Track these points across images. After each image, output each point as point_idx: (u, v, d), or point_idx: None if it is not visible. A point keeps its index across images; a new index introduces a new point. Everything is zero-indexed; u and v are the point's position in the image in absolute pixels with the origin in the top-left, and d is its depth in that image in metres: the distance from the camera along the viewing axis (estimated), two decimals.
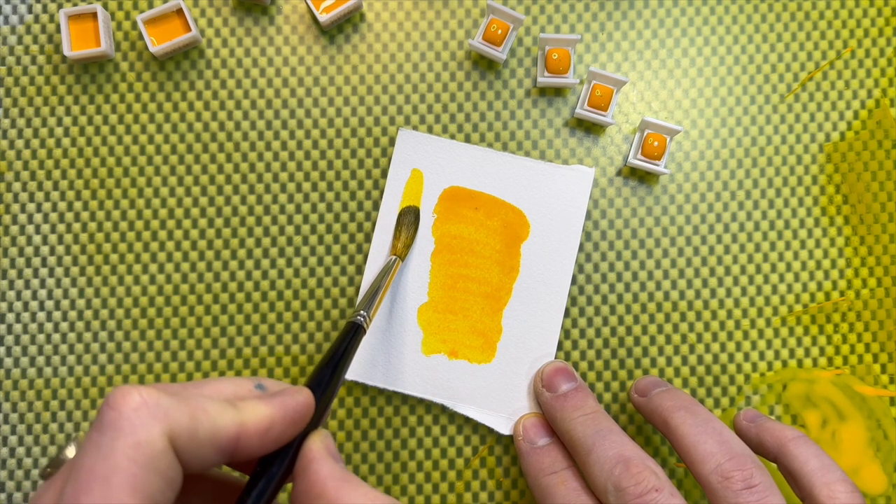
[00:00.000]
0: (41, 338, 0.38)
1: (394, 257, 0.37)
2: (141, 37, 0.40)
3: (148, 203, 0.39)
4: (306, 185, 0.39)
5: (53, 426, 0.38)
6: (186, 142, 0.39)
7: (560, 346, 0.39)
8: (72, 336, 0.38)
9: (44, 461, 0.38)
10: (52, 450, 0.38)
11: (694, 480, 0.38)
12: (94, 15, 0.38)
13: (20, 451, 0.38)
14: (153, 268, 0.39)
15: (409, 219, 0.38)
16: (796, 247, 0.40)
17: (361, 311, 0.32)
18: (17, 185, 0.39)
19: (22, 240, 0.39)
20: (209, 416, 0.22)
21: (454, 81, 0.40)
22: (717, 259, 0.40)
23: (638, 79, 0.40)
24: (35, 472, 0.38)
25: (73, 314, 0.38)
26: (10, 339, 0.38)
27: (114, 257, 0.39)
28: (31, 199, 0.39)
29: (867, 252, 0.40)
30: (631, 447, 0.32)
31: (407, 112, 0.40)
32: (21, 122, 0.39)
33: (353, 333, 0.31)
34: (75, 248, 0.39)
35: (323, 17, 0.39)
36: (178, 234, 0.39)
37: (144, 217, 0.39)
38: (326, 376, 0.27)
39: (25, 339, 0.38)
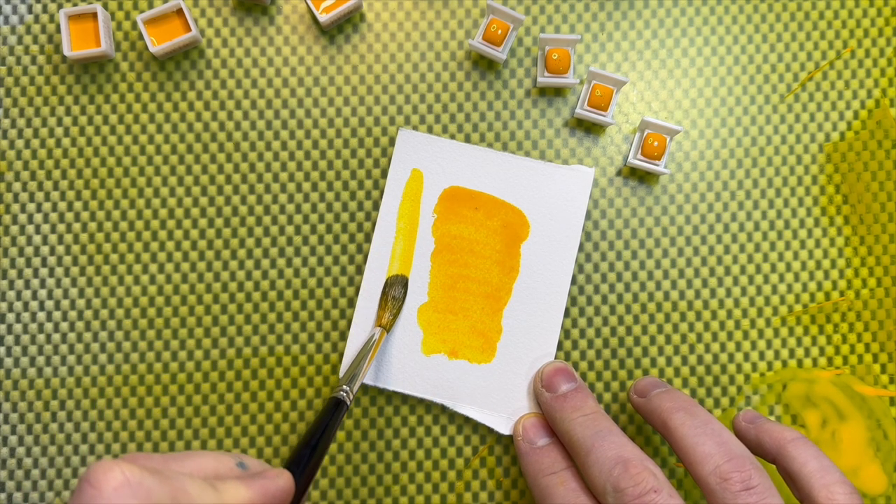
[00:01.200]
0: (41, 338, 0.38)
1: (379, 329, 0.37)
2: (141, 37, 0.40)
3: (148, 203, 0.39)
4: (306, 185, 0.39)
5: (53, 426, 0.38)
6: (186, 142, 0.39)
7: (560, 346, 0.39)
8: (72, 336, 0.38)
9: (44, 461, 0.38)
10: (52, 450, 0.38)
11: (694, 481, 0.38)
12: (94, 15, 0.38)
13: (20, 450, 0.38)
14: (153, 268, 0.39)
15: (396, 290, 0.38)
16: (796, 247, 0.40)
17: (344, 387, 0.32)
18: (17, 185, 0.39)
19: (22, 240, 0.39)
20: (190, 498, 0.22)
21: (454, 81, 0.40)
22: (717, 259, 0.40)
23: (638, 79, 0.40)
24: (35, 472, 0.38)
25: (73, 314, 0.38)
26: (10, 339, 0.38)
27: (114, 257, 0.39)
28: (32, 199, 0.39)
29: (867, 252, 0.40)
30: (630, 448, 0.32)
31: (407, 112, 0.40)
32: (21, 122, 0.39)
33: (334, 410, 0.30)
34: (75, 248, 0.39)
35: (323, 17, 0.39)
36: (179, 234, 0.39)
37: (144, 217, 0.39)
38: (306, 456, 0.27)
39: (25, 339, 0.38)
